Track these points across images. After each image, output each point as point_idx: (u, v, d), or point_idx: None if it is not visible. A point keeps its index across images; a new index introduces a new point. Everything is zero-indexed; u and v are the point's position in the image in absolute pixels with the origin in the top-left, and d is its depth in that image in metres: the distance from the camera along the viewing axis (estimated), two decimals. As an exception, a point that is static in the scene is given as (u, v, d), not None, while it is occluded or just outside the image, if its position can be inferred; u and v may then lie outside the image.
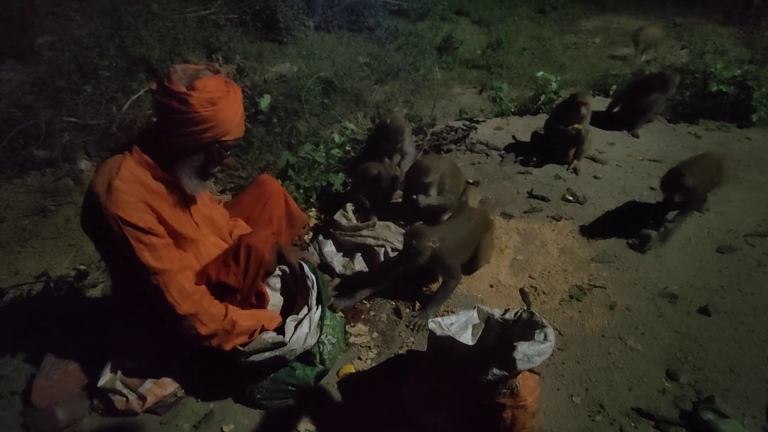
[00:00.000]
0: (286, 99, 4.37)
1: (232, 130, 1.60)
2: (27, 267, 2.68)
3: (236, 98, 1.60)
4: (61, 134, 3.69)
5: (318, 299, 1.88)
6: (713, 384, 1.99)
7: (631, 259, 2.68)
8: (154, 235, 1.54)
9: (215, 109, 1.52)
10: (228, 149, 1.66)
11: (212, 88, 1.52)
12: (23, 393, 1.87)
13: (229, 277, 1.72)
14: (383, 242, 2.51)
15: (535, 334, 1.63)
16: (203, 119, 1.51)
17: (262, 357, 1.74)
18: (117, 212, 1.47)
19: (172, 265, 1.58)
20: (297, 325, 1.78)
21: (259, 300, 1.88)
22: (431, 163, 2.69)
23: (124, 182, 1.51)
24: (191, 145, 1.58)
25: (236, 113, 1.60)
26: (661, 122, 4.34)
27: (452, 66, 6.27)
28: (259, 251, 1.73)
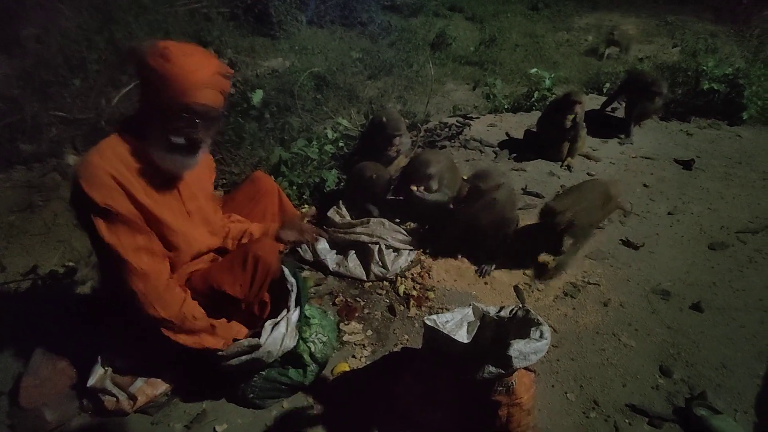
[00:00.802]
0: (278, 94, 4.32)
1: (190, 89, 1.45)
2: (14, 263, 2.63)
3: (198, 59, 1.47)
4: (48, 128, 3.62)
5: (297, 301, 1.85)
6: (706, 380, 2.00)
7: (624, 256, 2.69)
8: (115, 211, 1.47)
9: (169, 65, 1.42)
10: (191, 116, 1.49)
11: (167, 45, 1.44)
12: (10, 393, 1.82)
13: (234, 288, 1.68)
14: (377, 239, 2.49)
15: (531, 332, 1.62)
16: (157, 76, 1.43)
17: (240, 360, 1.71)
18: (81, 182, 1.44)
19: (127, 242, 1.51)
20: (273, 327, 1.75)
21: (261, 309, 1.85)
22: (432, 156, 2.68)
23: (100, 156, 1.48)
24: (152, 109, 1.50)
25: (197, 72, 1.45)
26: (654, 120, 4.36)
27: (445, 62, 6.25)
28: (266, 261, 1.69)
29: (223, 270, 1.71)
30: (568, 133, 3.50)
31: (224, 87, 1.55)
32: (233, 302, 1.72)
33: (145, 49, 1.43)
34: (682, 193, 3.28)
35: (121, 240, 1.50)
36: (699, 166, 3.62)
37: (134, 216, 1.52)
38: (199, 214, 1.77)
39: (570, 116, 3.37)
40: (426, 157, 2.69)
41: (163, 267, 1.61)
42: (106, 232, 1.48)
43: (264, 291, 1.79)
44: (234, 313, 1.78)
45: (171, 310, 1.59)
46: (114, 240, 1.49)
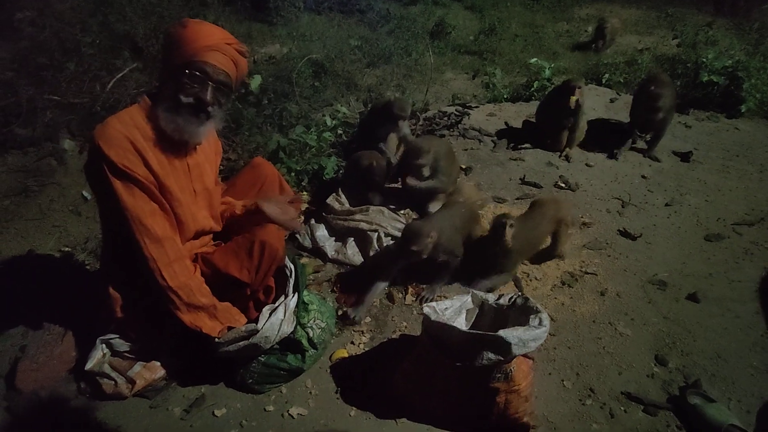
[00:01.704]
0: (276, 81, 4.28)
1: (201, 49, 1.53)
2: (10, 248, 2.61)
3: (211, 27, 1.59)
4: (43, 113, 3.57)
5: (295, 287, 1.86)
6: (701, 369, 2.02)
7: (622, 247, 2.70)
8: (131, 173, 1.51)
9: (184, 29, 1.53)
10: (201, 74, 1.54)
11: (188, 19, 1.57)
12: (7, 376, 1.82)
13: (242, 273, 1.69)
14: (376, 227, 2.48)
15: (530, 319, 1.63)
16: (172, 39, 1.55)
17: (237, 346, 1.72)
18: (99, 142, 1.47)
19: (144, 205, 1.55)
20: (271, 312, 1.76)
21: (266, 294, 1.85)
22: (425, 144, 2.66)
23: (119, 121, 1.53)
24: (167, 73, 1.58)
25: (208, 35, 1.55)
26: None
27: (444, 51, 6.20)
28: (273, 247, 1.70)
29: (229, 254, 1.72)
30: (568, 121, 3.48)
31: (236, 58, 1.61)
32: (239, 286, 1.72)
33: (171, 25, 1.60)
34: (679, 185, 3.29)
35: (138, 202, 1.53)
36: (697, 158, 3.62)
37: (149, 181, 1.55)
38: (203, 196, 1.79)
39: (573, 98, 3.34)
40: (419, 144, 2.67)
41: (176, 236, 1.64)
42: (124, 193, 1.51)
43: (269, 277, 1.80)
44: (239, 298, 1.77)
45: (178, 279, 1.61)
46: (131, 202, 1.52)
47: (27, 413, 1.71)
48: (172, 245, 1.60)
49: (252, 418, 1.77)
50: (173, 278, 1.60)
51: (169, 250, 1.59)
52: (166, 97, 1.57)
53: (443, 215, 2.38)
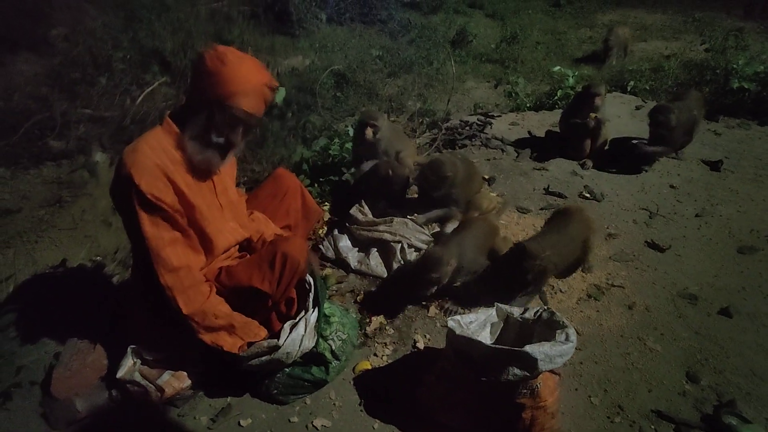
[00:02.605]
0: (299, 93, 4.36)
1: (239, 94, 1.53)
2: (44, 257, 2.70)
3: (252, 67, 1.56)
4: (76, 126, 3.72)
5: (315, 302, 1.87)
6: (735, 387, 1.95)
7: (650, 259, 2.64)
8: (158, 203, 1.53)
9: (224, 67, 1.51)
10: (234, 119, 1.57)
11: (227, 50, 1.53)
12: (42, 383, 1.88)
13: (264, 284, 1.70)
14: (400, 238, 2.49)
15: (557, 335, 1.61)
16: (209, 72, 1.52)
17: (259, 361, 1.74)
18: (131, 171, 1.49)
19: (164, 235, 1.57)
20: (292, 327, 1.77)
21: (288, 306, 1.87)
22: (445, 161, 2.63)
23: (149, 147, 1.55)
24: (197, 102, 1.57)
25: (247, 79, 1.54)
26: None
27: (466, 60, 6.21)
28: (295, 259, 1.71)
29: (252, 266, 1.74)
30: (590, 129, 3.44)
31: (269, 99, 1.63)
32: (261, 298, 1.74)
33: (206, 51, 1.53)
34: (710, 195, 3.20)
35: (160, 232, 1.56)
36: (728, 167, 3.53)
37: (175, 209, 1.58)
38: (229, 208, 1.83)
39: (592, 114, 3.32)
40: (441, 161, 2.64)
41: (194, 261, 1.66)
42: (147, 223, 1.54)
43: (291, 288, 1.82)
44: (261, 310, 1.80)
45: (193, 306, 1.63)
46: (152, 232, 1.55)
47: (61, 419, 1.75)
48: (188, 273, 1.63)
49: (277, 429, 1.79)
50: (188, 305, 1.63)
51: (184, 278, 1.62)
52: (196, 129, 1.58)
53: (462, 237, 2.35)
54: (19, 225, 2.97)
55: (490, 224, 2.56)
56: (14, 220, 3.02)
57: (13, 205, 3.13)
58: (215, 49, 1.53)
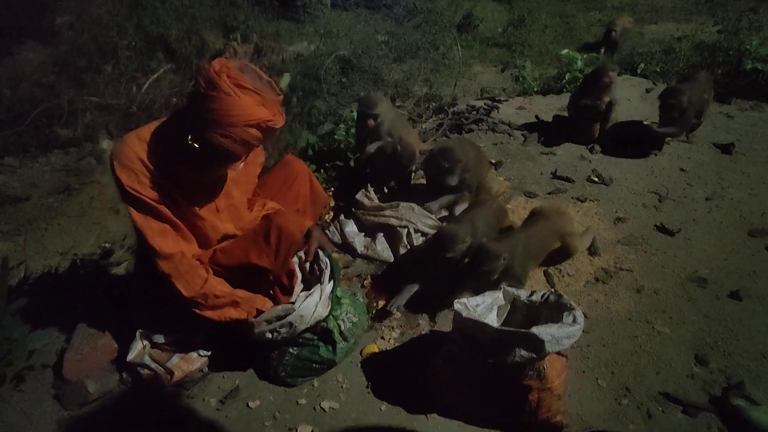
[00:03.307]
0: (304, 79, 4.33)
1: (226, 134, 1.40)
2: (54, 244, 2.73)
3: (252, 109, 1.39)
4: (83, 114, 3.72)
5: (330, 276, 1.88)
6: (744, 370, 1.94)
7: (659, 242, 2.61)
8: (139, 196, 1.52)
9: (220, 99, 1.36)
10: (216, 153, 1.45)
11: (234, 77, 1.36)
12: (54, 366, 1.91)
13: (261, 259, 1.71)
14: (406, 223, 2.48)
15: (564, 317, 1.60)
16: (204, 100, 1.38)
17: (273, 326, 1.75)
18: (114, 161, 1.50)
19: (153, 225, 1.57)
20: (308, 296, 1.79)
21: (289, 279, 1.88)
22: (456, 146, 2.60)
23: (138, 138, 1.53)
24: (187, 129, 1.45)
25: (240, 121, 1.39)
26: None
27: (472, 44, 6.12)
28: (290, 232, 1.71)
29: (248, 243, 1.74)
30: (598, 111, 3.39)
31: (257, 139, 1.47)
32: (261, 273, 1.75)
33: (212, 70, 1.37)
34: (721, 178, 3.15)
35: (148, 222, 1.56)
36: (739, 150, 3.46)
37: (159, 203, 1.56)
38: (228, 211, 1.79)
39: (606, 98, 3.26)
40: (449, 146, 2.59)
41: (187, 248, 1.66)
42: (134, 212, 1.55)
43: (290, 261, 1.83)
44: (264, 285, 1.81)
45: (193, 290, 1.65)
46: (141, 221, 1.55)
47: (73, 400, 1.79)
48: (182, 259, 1.62)
49: (285, 411, 1.81)
50: (188, 289, 1.64)
51: (179, 264, 1.62)
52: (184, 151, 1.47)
53: (475, 216, 2.34)
54: (29, 213, 3.00)
55: (501, 206, 2.54)
56: (24, 207, 3.05)
57: (22, 193, 3.16)
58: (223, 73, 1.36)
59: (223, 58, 1.43)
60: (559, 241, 2.36)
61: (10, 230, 2.84)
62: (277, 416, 1.79)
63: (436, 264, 2.21)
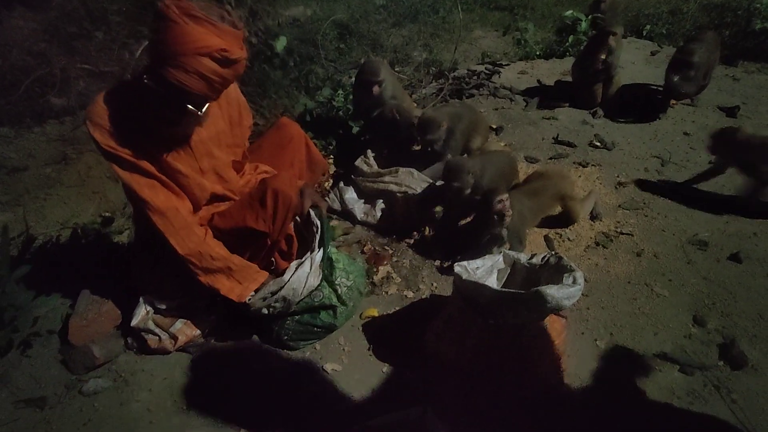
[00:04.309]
0: (301, 44, 4.21)
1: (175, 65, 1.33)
2: (53, 214, 2.73)
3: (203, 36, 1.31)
4: (76, 82, 3.65)
5: (320, 243, 1.87)
6: (741, 330, 1.96)
7: (660, 206, 2.60)
8: (117, 153, 1.50)
9: (169, 29, 1.31)
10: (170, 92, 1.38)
11: (186, 7, 1.30)
12: (60, 332, 1.94)
13: (258, 223, 1.70)
14: (406, 188, 2.46)
15: (564, 278, 1.60)
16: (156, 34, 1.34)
17: (267, 302, 1.76)
18: (87, 122, 1.49)
19: (140, 180, 1.55)
20: (298, 266, 1.79)
21: (288, 243, 1.88)
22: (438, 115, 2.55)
23: (108, 95, 1.50)
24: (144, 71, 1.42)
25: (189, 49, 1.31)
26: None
27: (473, 7, 5.94)
28: (286, 195, 1.70)
29: (244, 207, 1.73)
30: (601, 73, 3.32)
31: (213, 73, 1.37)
32: (259, 237, 1.74)
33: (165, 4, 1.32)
34: (724, 142, 3.11)
35: (134, 177, 1.54)
36: (744, 113, 3.41)
37: (140, 160, 1.53)
38: (213, 172, 1.76)
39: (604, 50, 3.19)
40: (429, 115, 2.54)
41: (180, 204, 1.64)
42: (118, 169, 1.53)
43: (288, 225, 1.81)
44: (262, 250, 1.81)
45: (188, 247, 1.64)
46: (128, 178, 1.54)
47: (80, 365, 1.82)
48: (175, 215, 1.61)
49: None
50: (182, 246, 1.63)
51: (174, 220, 1.60)
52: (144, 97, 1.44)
53: (484, 157, 2.38)
54: (27, 183, 2.98)
55: (512, 157, 2.58)
56: (22, 178, 3.03)
57: (20, 164, 3.13)
58: (175, 4, 1.31)
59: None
60: (559, 204, 2.35)
61: (9, 201, 2.83)
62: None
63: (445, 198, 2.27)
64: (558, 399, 1.71)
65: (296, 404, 1.72)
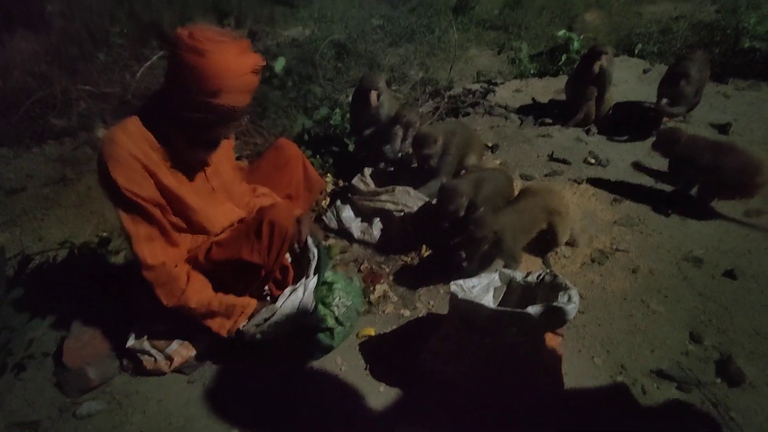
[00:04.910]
0: (299, 63, 4.28)
1: (223, 91, 1.43)
2: (51, 234, 2.73)
3: (235, 54, 1.41)
4: (77, 103, 3.69)
5: (316, 269, 1.87)
6: (738, 346, 1.96)
7: (655, 223, 2.62)
8: (135, 199, 1.51)
9: (203, 59, 1.37)
10: (220, 116, 1.49)
11: (203, 36, 1.37)
12: (54, 354, 1.93)
13: (253, 255, 1.69)
14: (402, 207, 2.48)
15: (559, 296, 1.61)
16: (188, 67, 1.39)
17: (261, 329, 1.76)
18: (108, 164, 1.48)
19: (141, 231, 1.57)
20: (291, 292, 1.78)
21: (283, 274, 1.88)
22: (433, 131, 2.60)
23: (126, 135, 1.50)
24: (179, 103, 1.47)
25: (231, 71, 1.41)
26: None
27: (468, 27, 6.05)
28: (282, 226, 1.69)
29: (240, 238, 1.73)
30: (592, 91, 3.38)
31: (256, 84, 1.52)
32: (254, 268, 1.75)
33: (178, 37, 1.39)
34: (717, 158, 3.15)
35: (137, 228, 1.56)
36: (736, 130, 3.46)
37: (154, 203, 1.56)
38: (222, 190, 1.80)
39: (598, 62, 3.26)
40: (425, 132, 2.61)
41: (171, 256, 1.65)
42: (125, 217, 1.55)
43: (283, 255, 1.81)
44: (255, 280, 1.81)
45: (172, 300, 1.66)
46: (130, 227, 1.56)
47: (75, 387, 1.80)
48: (162, 270, 1.62)
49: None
50: (167, 298, 1.65)
51: (160, 275, 1.62)
52: (179, 128, 1.52)
53: (479, 175, 2.41)
54: (25, 203, 2.99)
55: (508, 174, 2.58)
56: (19, 198, 3.04)
57: (18, 184, 3.14)
58: (190, 36, 1.37)
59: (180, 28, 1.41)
60: (547, 219, 2.35)
61: (6, 221, 2.84)
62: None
63: (439, 222, 2.29)
64: (556, 418, 1.70)
65: (293, 425, 1.71)
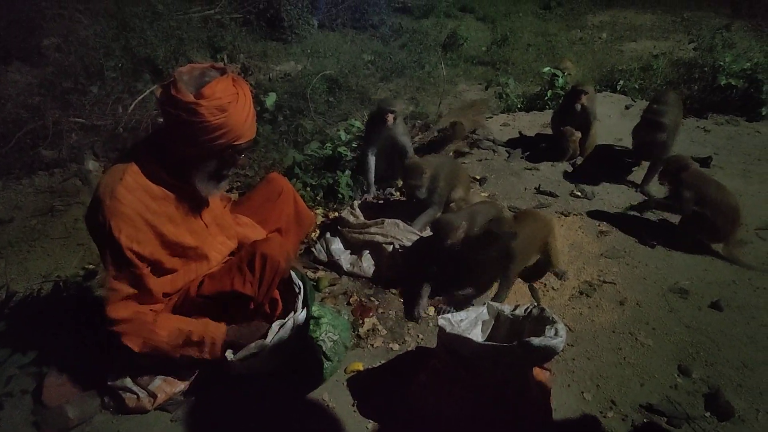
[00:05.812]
0: (291, 98, 4.37)
1: (245, 133, 1.57)
2: (36, 266, 2.70)
3: (246, 100, 1.56)
4: (68, 135, 3.72)
5: (303, 303, 1.86)
6: (726, 379, 1.96)
7: (641, 255, 2.66)
8: (133, 259, 1.53)
9: (226, 115, 1.49)
10: (241, 152, 1.66)
11: (221, 93, 1.47)
12: (34, 392, 1.87)
13: (245, 287, 1.70)
14: (392, 239, 2.49)
15: (546, 330, 1.62)
16: (214, 127, 1.49)
17: (248, 363, 1.74)
18: (110, 222, 1.48)
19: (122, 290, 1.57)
20: (281, 327, 1.76)
21: (272, 307, 1.87)
22: (422, 163, 2.67)
23: (127, 190, 1.51)
24: (203, 153, 1.56)
25: (248, 116, 1.56)
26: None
27: (457, 63, 6.26)
28: (274, 260, 1.70)
29: (233, 270, 1.73)
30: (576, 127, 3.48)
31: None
32: (244, 301, 1.74)
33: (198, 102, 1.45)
34: (699, 191, 3.22)
35: (120, 286, 1.57)
36: (717, 163, 3.55)
37: (152, 259, 1.59)
38: (214, 224, 1.83)
39: (578, 104, 3.37)
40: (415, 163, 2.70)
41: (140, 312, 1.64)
42: (113, 273, 1.55)
43: (273, 289, 1.81)
44: (244, 313, 1.80)
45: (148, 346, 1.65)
46: (113, 283, 1.56)
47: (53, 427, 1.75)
48: (138, 323, 1.62)
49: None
50: (143, 346, 1.64)
51: (137, 326, 1.62)
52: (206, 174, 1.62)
53: (472, 209, 2.43)
54: (11, 235, 2.97)
55: (498, 208, 2.60)
56: (6, 230, 3.02)
57: (5, 215, 3.13)
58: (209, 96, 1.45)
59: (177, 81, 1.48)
60: (540, 246, 2.38)
61: (-8, 253, 2.80)
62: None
63: (436, 255, 2.32)
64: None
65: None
